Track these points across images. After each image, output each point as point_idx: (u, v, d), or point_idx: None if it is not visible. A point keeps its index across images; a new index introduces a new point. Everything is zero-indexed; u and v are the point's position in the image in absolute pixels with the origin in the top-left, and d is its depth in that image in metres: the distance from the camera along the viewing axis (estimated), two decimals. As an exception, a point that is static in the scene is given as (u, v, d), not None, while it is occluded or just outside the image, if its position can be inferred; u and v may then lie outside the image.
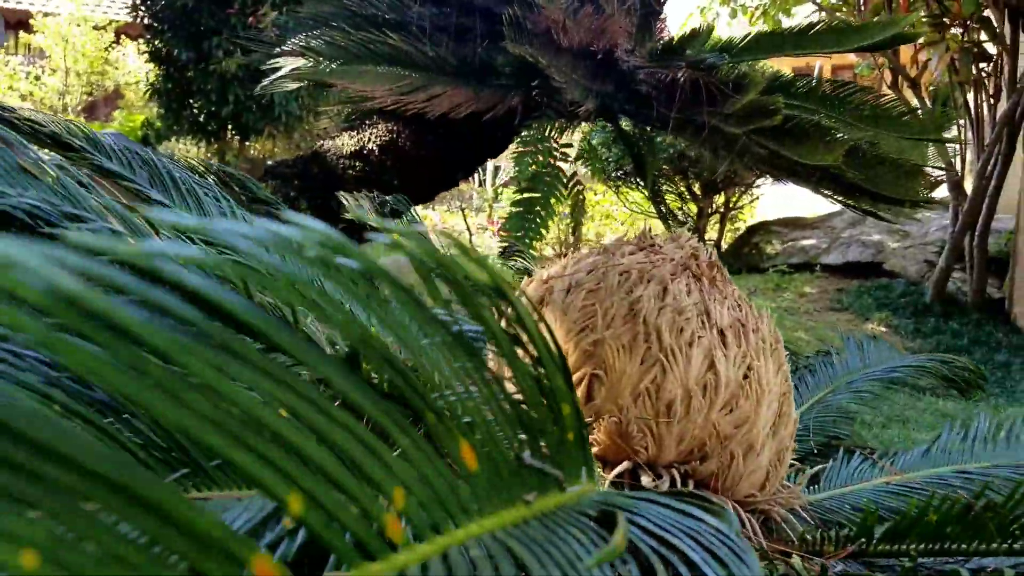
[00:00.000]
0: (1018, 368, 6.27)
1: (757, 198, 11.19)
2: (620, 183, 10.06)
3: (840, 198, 3.36)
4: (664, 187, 10.86)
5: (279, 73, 3.39)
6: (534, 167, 3.66)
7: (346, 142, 3.80)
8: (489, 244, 11.40)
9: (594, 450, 1.36)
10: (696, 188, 10.53)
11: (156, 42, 9.30)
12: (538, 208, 3.73)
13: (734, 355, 1.39)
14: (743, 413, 1.37)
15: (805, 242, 9.65)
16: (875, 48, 3.10)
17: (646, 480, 1.32)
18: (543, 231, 3.75)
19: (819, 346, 6.63)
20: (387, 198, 2.47)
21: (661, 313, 1.38)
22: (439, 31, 3.30)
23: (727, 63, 2.99)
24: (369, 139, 3.76)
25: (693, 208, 10.91)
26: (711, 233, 11.09)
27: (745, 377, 1.39)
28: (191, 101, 9.39)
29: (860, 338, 2.33)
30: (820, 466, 1.77)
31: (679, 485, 1.32)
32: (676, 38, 3.26)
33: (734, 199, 10.88)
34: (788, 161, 3.07)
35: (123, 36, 15.54)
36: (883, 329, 7.30)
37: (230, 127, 9.94)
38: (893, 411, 4.44)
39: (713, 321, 1.41)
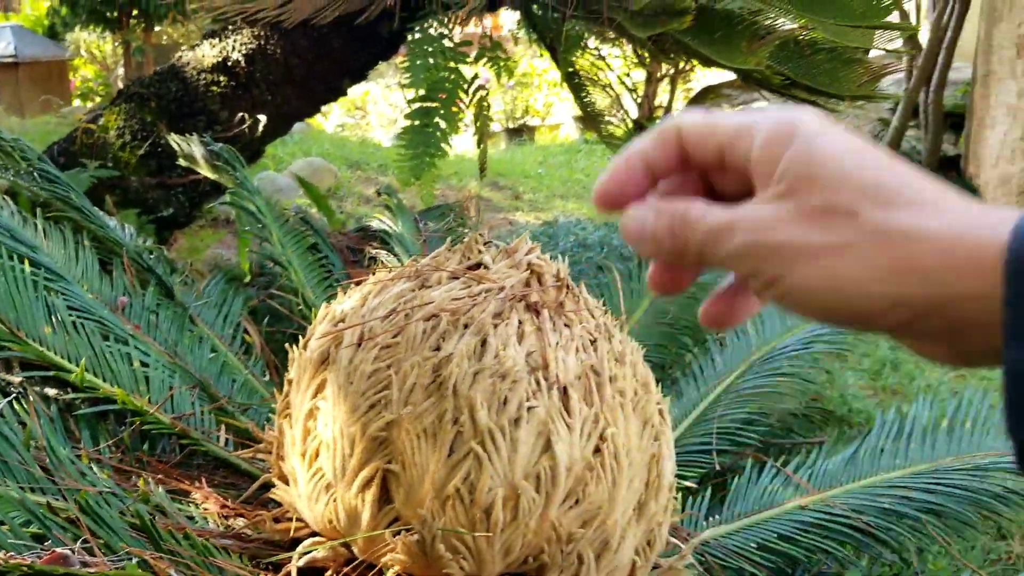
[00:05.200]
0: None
1: (706, 59, 10.59)
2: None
3: (771, 91, 2.95)
4: (609, 50, 10.23)
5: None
6: (428, 72, 3.17)
7: (207, 52, 3.25)
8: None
9: (394, 570, 1.02)
10: (642, 51, 9.89)
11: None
12: (437, 120, 3.27)
13: (581, 423, 1.03)
14: (593, 503, 1.02)
15: (758, 104, 9.18)
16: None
17: (462, 611, 0.98)
18: (446, 146, 3.30)
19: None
20: (216, 148, 2.01)
21: (476, 379, 1.00)
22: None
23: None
24: (233, 48, 3.22)
25: (641, 73, 10.31)
26: (661, 98, 10.55)
27: (596, 451, 1.04)
28: (87, -15, 8.51)
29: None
30: (712, 505, 1.44)
31: (506, 613, 0.99)
32: (575, -88, 2.73)
33: (683, 61, 10.26)
34: (709, 59, 2.63)
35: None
36: (835, 199, 6.99)
37: (134, 13, 9.09)
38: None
39: (553, 377, 1.04)
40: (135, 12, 9.18)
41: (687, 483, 1.48)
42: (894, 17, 5.50)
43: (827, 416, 1.93)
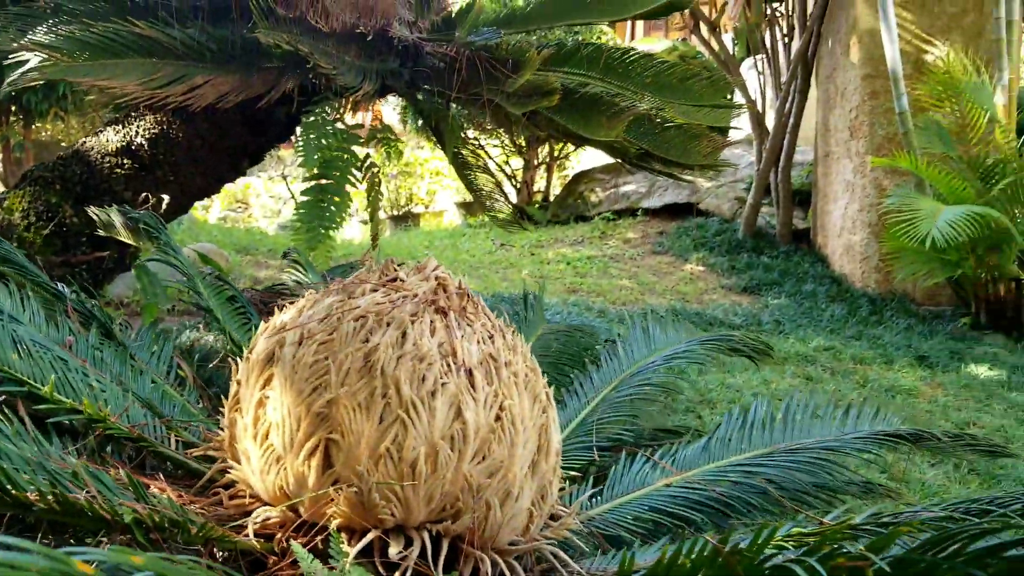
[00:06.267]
0: (824, 297, 6.64)
1: (579, 147, 11.29)
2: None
3: (630, 164, 3.36)
4: (487, 140, 10.79)
5: (18, 72, 3.00)
6: (321, 153, 3.44)
7: (111, 138, 3.44)
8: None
9: (336, 522, 1.24)
10: (521, 140, 10.50)
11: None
12: (332, 195, 3.53)
13: (484, 397, 1.29)
14: (497, 459, 1.28)
15: (626, 188, 9.84)
16: (653, 16, 3.08)
17: (394, 549, 1.21)
18: (339, 219, 3.56)
19: (642, 293, 6.79)
20: (137, 214, 2.21)
21: (400, 363, 1.26)
22: (195, 13, 3.00)
23: (504, 36, 2.88)
24: (137, 133, 3.42)
25: (520, 161, 10.89)
26: (539, 184, 11.13)
27: (497, 419, 1.30)
28: (-42, 83, 8.41)
29: (648, 320, 2.31)
30: (598, 487, 1.72)
31: (430, 549, 1.23)
32: (455, 11, 3.11)
33: (559, 148, 10.93)
34: (574, 134, 3.02)
35: None
36: (701, 269, 7.57)
37: (13, 109, 9.00)
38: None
39: (460, 362, 1.31)
40: (13, 108, 9.11)
41: (572, 473, 1.75)
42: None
43: (687, 430, 2.25)
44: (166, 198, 3.39)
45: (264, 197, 14.94)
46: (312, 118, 3.31)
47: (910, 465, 3.40)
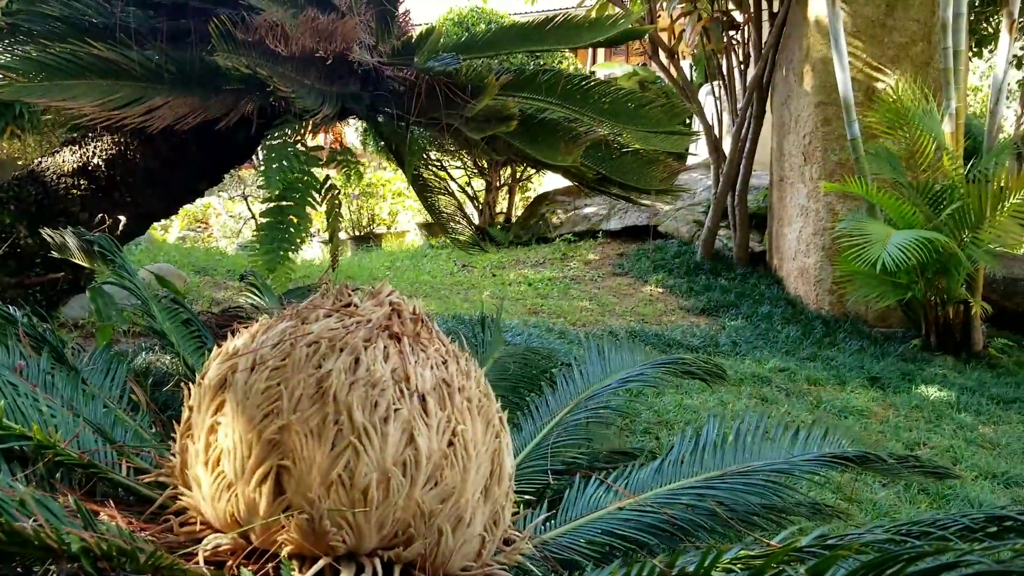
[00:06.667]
0: (779, 318, 6.74)
1: (539, 170, 11.38)
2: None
3: (589, 187, 3.40)
4: (450, 162, 10.83)
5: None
6: (283, 175, 3.43)
7: (68, 158, 3.40)
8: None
9: (287, 549, 1.24)
10: (483, 162, 10.56)
11: None
12: (292, 217, 3.53)
13: (437, 422, 1.31)
14: (449, 485, 1.29)
15: (587, 210, 9.93)
16: (610, 44, 3.14)
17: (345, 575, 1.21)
18: (299, 241, 3.55)
19: (602, 314, 6.84)
20: (92, 236, 2.20)
21: (352, 388, 1.27)
22: (154, 35, 2.99)
23: (465, 62, 2.91)
24: (94, 153, 3.39)
25: (482, 183, 10.95)
26: (501, 205, 11.18)
27: (450, 444, 1.31)
28: (-90, 99, 8.25)
29: (604, 342, 2.34)
30: (552, 511, 1.74)
31: (382, 575, 1.23)
32: (415, 36, 3.14)
33: (520, 170, 11.00)
34: (533, 158, 3.06)
35: None
36: (660, 290, 7.65)
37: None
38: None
39: (414, 387, 1.32)
40: (-35, 126, 8.95)
41: (527, 497, 1.76)
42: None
43: (641, 452, 2.28)
44: (123, 219, 3.36)
45: (224, 217, 14.82)
46: (274, 140, 3.31)
47: (861, 485, 3.46)
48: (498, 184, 10.98)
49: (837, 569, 1.00)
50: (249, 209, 13.05)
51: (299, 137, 3.49)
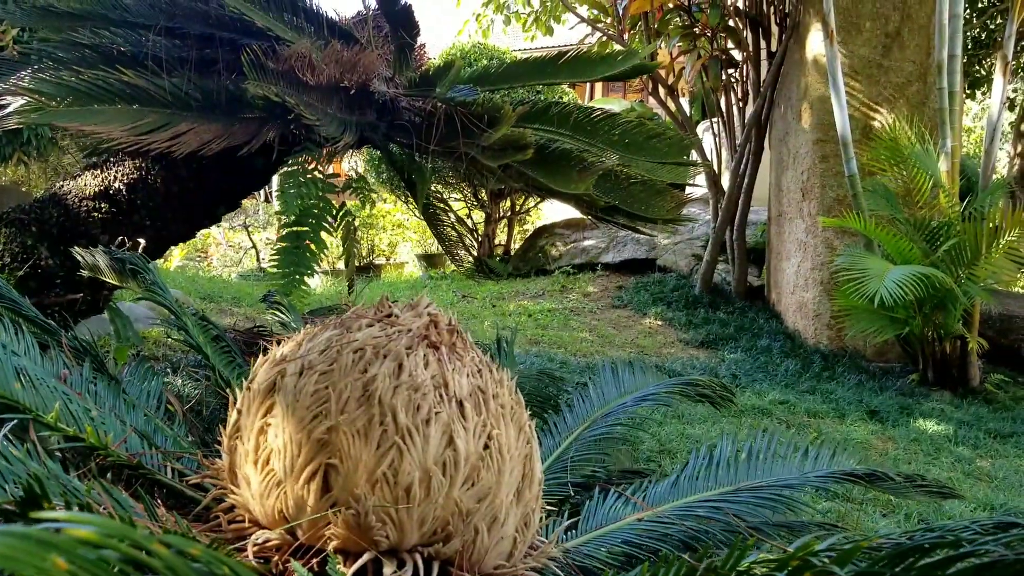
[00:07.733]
0: (778, 352, 6.83)
1: (542, 201, 11.52)
2: (408, 194, 10.04)
3: (597, 217, 3.49)
4: (449, 194, 10.97)
5: (1, 114, 3.05)
6: (300, 201, 3.53)
7: (89, 182, 3.49)
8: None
9: (333, 544, 1.30)
10: (483, 194, 10.70)
11: None
12: (307, 242, 3.62)
13: (474, 426, 1.38)
14: (485, 486, 1.36)
15: (587, 243, 10.05)
16: (619, 78, 3.25)
17: (388, 570, 1.28)
18: (314, 265, 3.64)
19: (602, 345, 6.91)
20: (124, 255, 2.28)
21: (396, 392, 1.34)
22: (181, 64, 3.10)
23: (481, 95, 3.02)
24: (115, 177, 3.48)
25: (481, 215, 11.07)
26: (500, 237, 11.29)
27: (486, 447, 1.38)
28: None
29: (617, 363, 2.41)
30: (573, 520, 1.80)
31: (422, 571, 1.30)
32: (432, 68, 3.25)
33: (520, 203, 11.14)
34: (546, 187, 3.15)
35: None
36: (659, 323, 7.74)
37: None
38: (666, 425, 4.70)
39: (452, 393, 1.39)
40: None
41: (548, 507, 1.83)
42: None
43: (651, 471, 2.35)
44: (142, 242, 3.44)
45: (224, 246, 14.92)
46: (292, 167, 3.40)
47: (863, 516, 3.52)
48: (497, 216, 11.11)
49: (861, 559, 1.07)
50: (250, 238, 13.14)
51: (318, 164, 3.59)
